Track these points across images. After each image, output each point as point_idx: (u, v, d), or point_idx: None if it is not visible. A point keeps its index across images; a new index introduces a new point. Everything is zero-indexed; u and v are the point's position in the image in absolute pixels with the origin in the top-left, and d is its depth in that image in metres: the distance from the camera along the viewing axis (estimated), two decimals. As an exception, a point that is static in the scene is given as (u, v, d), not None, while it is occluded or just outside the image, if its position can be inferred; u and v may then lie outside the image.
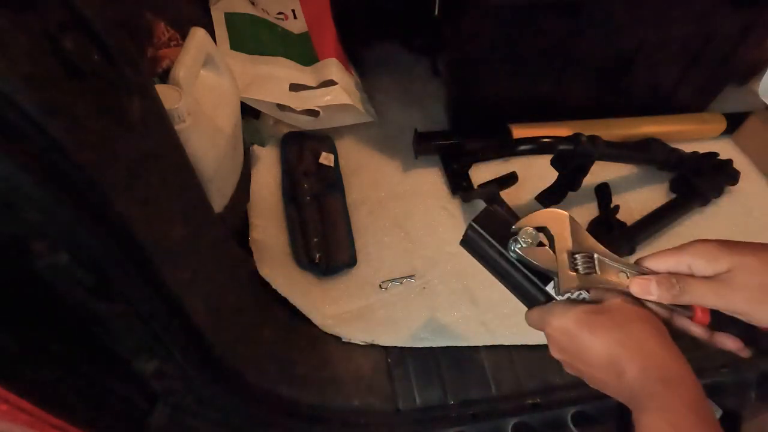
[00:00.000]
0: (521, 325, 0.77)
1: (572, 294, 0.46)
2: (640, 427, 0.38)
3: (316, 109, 0.93)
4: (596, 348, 0.42)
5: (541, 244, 0.46)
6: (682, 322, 0.47)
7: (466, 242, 0.52)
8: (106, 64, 0.39)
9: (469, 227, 0.50)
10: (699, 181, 0.94)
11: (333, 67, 0.97)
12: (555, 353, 0.48)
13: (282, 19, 1.05)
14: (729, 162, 0.96)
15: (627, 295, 0.45)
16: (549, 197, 0.91)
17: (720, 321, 0.46)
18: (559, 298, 0.46)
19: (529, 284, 0.48)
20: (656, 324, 0.44)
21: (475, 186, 0.93)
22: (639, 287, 0.45)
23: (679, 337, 0.47)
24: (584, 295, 0.46)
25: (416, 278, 0.83)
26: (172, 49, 0.63)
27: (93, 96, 0.38)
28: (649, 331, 0.42)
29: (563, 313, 0.45)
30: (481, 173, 0.96)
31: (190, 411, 0.61)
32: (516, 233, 0.47)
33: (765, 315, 0.41)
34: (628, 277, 0.46)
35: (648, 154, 0.96)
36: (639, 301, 0.45)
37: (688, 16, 0.87)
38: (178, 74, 0.59)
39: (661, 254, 0.46)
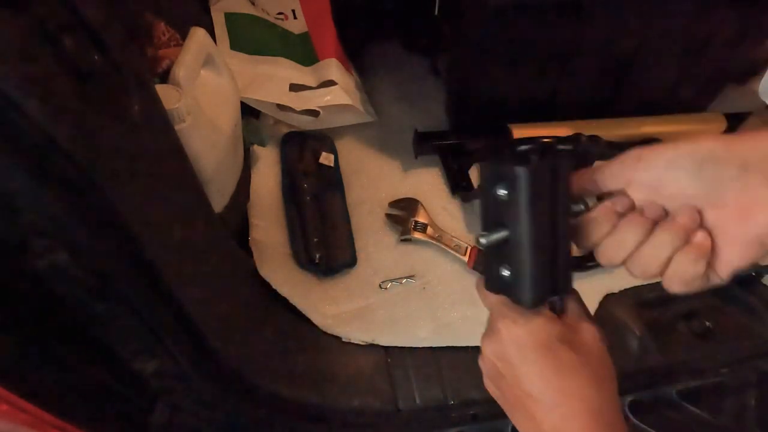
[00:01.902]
0: (521, 325, 0.78)
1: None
2: None
3: (316, 109, 0.93)
4: (548, 387, 0.37)
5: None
6: None
7: (531, 181, 0.36)
8: (106, 64, 0.39)
9: (549, 168, 0.37)
10: (699, 181, 0.93)
11: (333, 67, 0.97)
12: (488, 364, 0.42)
13: (282, 19, 1.05)
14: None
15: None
16: (549, 197, 0.91)
17: None
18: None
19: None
20: (611, 373, 0.38)
21: (475, 186, 0.93)
22: None
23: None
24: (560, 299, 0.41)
25: (416, 278, 0.83)
26: (172, 49, 0.63)
27: (93, 96, 0.38)
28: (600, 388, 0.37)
29: (527, 320, 0.38)
30: (481, 173, 0.95)
31: (190, 411, 0.61)
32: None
33: None
34: None
35: (648, 154, 0.96)
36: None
37: (688, 16, 0.87)
38: (178, 74, 0.59)
39: None
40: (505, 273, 0.39)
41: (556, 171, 0.38)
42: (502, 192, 0.37)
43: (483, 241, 0.38)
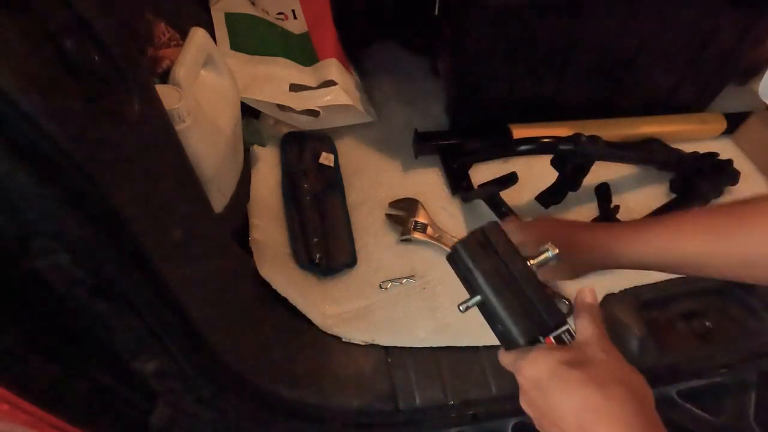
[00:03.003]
0: (521, 325, 0.78)
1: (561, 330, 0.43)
2: None
3: (316, 109, 0.93)
4: (565, 409, 0.38)
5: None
6: None
7: (467, 252, 0.47)
8: (106, 64, 0.39)
9: (480, 233, 0.47)
10: (699, 182, 0.94)
11: (333, 67, 0.97)
12: (524, 406, 0.43)
13: (282, 19, 1.05)
14: (729, 162, 0.96)
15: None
16: (549, 197, 0.91)
17: None
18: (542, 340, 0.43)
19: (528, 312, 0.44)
20: (640, 389, 0.39)
21: (475, 186, 0.93)
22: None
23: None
24: (569, 331, 0.44)
25: (416, 278, 0.83)
26: (172, 49, 0.63)
27: (93, 96, 0.38)
28: (629, 399, 0.37)
29: (537, 361, 0.40)
30: (481, 173, 0.96)
31: (190, 411, 0.61)
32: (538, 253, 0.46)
33: None
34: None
35: (648, 154, 0.96)
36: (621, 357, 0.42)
37: (688, 17, 0.87)
38: (178, 74, 0.59)
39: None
40: (500, 328, 0.46)
41: (486, 233, 0.46)
42: (461, 268, 0.47)
43: (461, 308, 0.47)
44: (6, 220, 0.38)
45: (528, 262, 0.46)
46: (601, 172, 0.96)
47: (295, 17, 1.06)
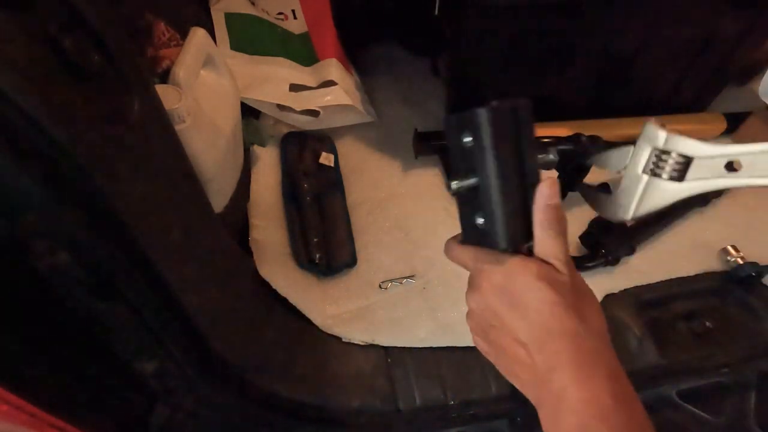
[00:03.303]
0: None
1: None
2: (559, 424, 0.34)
3: (316, 109, 0.93)
4: (540, 302, 0.36)
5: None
6: None
7: (491, 124, 0.37)
8: (106, 64, 0.39)
9: (510, 110, 0.38)
10: (699, 181, 0.94)
11: (333, 68, 0.97)
12: (476, 303, 0.40)
13: (282, 19, 1.05)
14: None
15: None
16: (549, 197, 0.91)
17: None
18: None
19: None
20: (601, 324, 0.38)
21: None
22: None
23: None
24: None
25: (416, 278, 0.83)
26: (172, 49, 0.63)
27: (93, 96, 0.38)
28: (605, 326, 0.37)
29: (513, 271, 0.38)
30: (481, 173, 0.96)
31: (190, 411, 0.61)
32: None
33: None
34: None
35: (648, 154, 0.96)
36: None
37: (688, 17, 0.87)
38: (178, 74, 0.59)
39: None
40: (480, 221, 0.40)
41: (517, 113, 0.39)
42: (467, 139, 0.39)
43: (453, 185, 0.39)
44: (6, 220, 0.38)
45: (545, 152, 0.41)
46: (601, 171, 0.96)
47: (295, 17, 1.06)
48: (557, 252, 0.38)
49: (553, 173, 0.43)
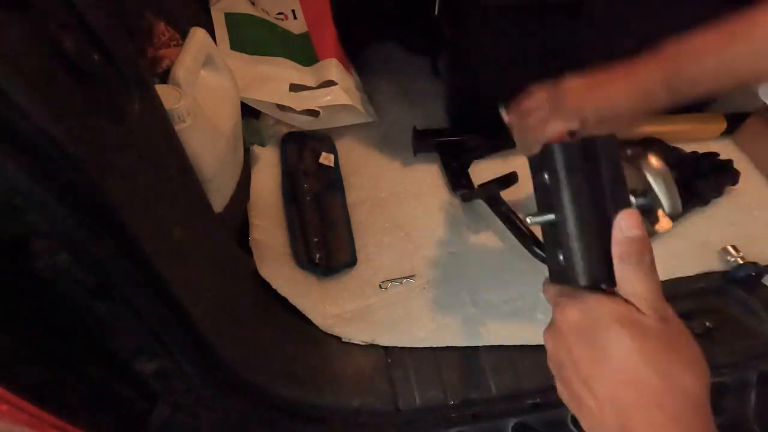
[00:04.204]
0: (521, 326, 0.78)
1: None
2: None
3: (316, 109, 0.93)
4: (621, 351, 0.32)
5: None
6: None
7: (565, 158, 0.38)
8: (106, 64, 0.39)
9: (590, 143, 0.38)
10: (699, 182, 0.94)
11: (333, 68, 0.97)
12: (550, 344, 0.38)
13: (282, 19, 1.05)
14: (729, 162, 0.96)
15: None
16: (549, 197, 0.91)
17: None
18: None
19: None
20: (708, 381, 0.34)
21: (475, 185, 0.93)
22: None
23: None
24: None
25: (416, 278, 0.83)
26: (172, 49, 0.63)
27: (93, 96, 0.38)
28: (699, 386, 0.33)
29: (592, 308, 0.35)
30: (481, 172, 0.96)
31: (190, 411, 0.61)
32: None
33: None
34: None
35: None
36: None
37: (688, 17, 0.87)
38: (178, 74, 0.59)
39: None
40: (561, 258, 0.39)
41: (594, 148, 0.38)
42: (545, 176, 0.39)
43: (529, 220, 0.40)
44: (6, 220, 0.38)
45: (630, 198, 0.38)
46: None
47: (295, 17, 1.06)
48: (640, 289, 0.34)
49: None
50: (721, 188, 0.96)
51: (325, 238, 0.84)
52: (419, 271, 0.84)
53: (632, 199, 0.39)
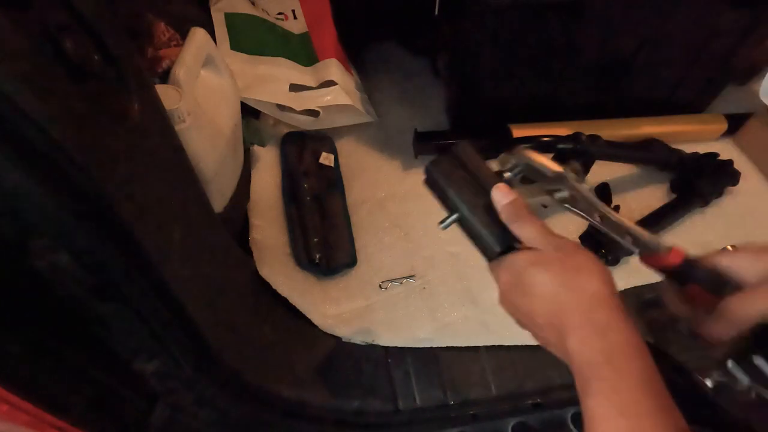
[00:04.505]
0: (521, 325, 0.78)
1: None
2: (587, 411, 0.35)
3: (316, 109, 0.93)
4: (540, 286, 0.40)
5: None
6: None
7: (439, 171, 0.49)
8: (106, 65, 0.39)
9: (450, 153, 0.48)
10: (699, 182, 0.94)
11: (333, 68, 0.97)
12: (504, 307, 0.46)
13: (282, 20, 1.05)
14: (729, 162, 0.96)
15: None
16: (549, 197, 0.91)
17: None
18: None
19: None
20: (609, 278, 0.40)
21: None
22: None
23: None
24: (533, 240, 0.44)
25: (416, 278, 0.83)
26: (172, 49, 0.63)
27: (93, 96, 0.38)
28: (600, 285, 0.39)
29: (509, 264, 0.43)
30: (481, 173, 0.96)
31: (190, 411, 0.61)
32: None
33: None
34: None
35: (648, 154, 0.96)
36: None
37: (688, 17, 0.87)
38: (178, 74, 0.59)
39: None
40: (478, 242, 0.47)
41: (458, 153, 0.48)
42: (437, 188, 0.49)
43: (441, 226, 0.48)
44: (6, 221, 0.38)
45: (500, 175, 0.48)
46: (601, 172, 0.96)
47: (295, 17, 1.06)
48: (531, 236, 0.42)
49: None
50: (721, 188, 0.96)
51: (325, 238, 0.84)
52: (419, 271, 0.84)
53: (505, 176, 0.48)
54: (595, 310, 0.38)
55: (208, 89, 0.68)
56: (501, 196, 0.44)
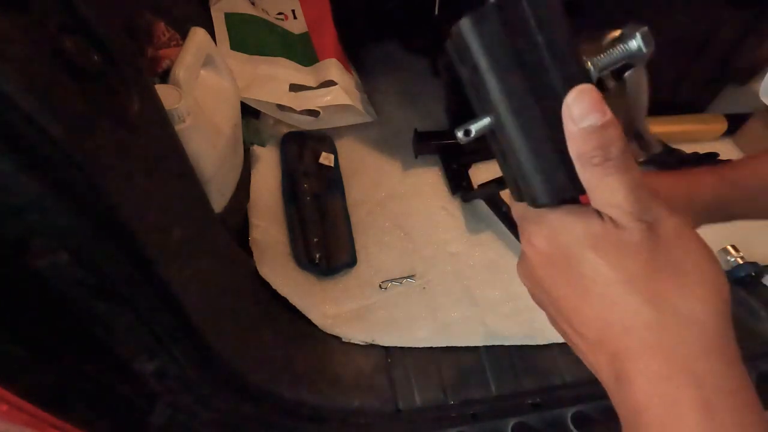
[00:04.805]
0: (521, 325, 0.78)
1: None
2: None
3: (316, 109, 0.93)
4: (603, 286, 0.25)
5: None
6: None
7: (479, 28, 0.29)
8: (106, 65, 0.39)
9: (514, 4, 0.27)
10: (699, 182, 0.94)
11: (333, 68, 0.97)
12: (525, 276, 0.31)
13: (282, 20, 1.05)
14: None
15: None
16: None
17: None
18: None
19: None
20: (726, 298, 0.25)
21: (475, 186, 0.93)
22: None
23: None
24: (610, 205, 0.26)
25: (416, 278, 0.83)
26: (172, 49, 0.63)
27: (93, 96, 0.38)
28: (710, 313, 0.24)
29: (573, 220, 0.26)
30: (481, 173, 0.96)
31: (190, 411, 0.61)
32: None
33: None
34: None
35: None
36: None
37: (688, 16, 0.87)
38: (178, 74, 0.59)
39: None
40: (513, 171, 0.29)
41: (522, 12, 0.27)
42: (465, 69, 0.29)
43: (459, 134, 0.30)
44: (6, 220, 0.38)
45: (586, 64, 0.27)
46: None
47: (295, 17, 1.06)
48: (613, 197, 0.25)
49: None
50: (721, 188, 0.96)
51: (325, 238, 0.84)
52: (419, 271, 0.84)
53: (590, 66, 0.27)
54: (695, 354, 0.23)
55: (208, 89, 0.68)
56: (583, 112, 0.25)
